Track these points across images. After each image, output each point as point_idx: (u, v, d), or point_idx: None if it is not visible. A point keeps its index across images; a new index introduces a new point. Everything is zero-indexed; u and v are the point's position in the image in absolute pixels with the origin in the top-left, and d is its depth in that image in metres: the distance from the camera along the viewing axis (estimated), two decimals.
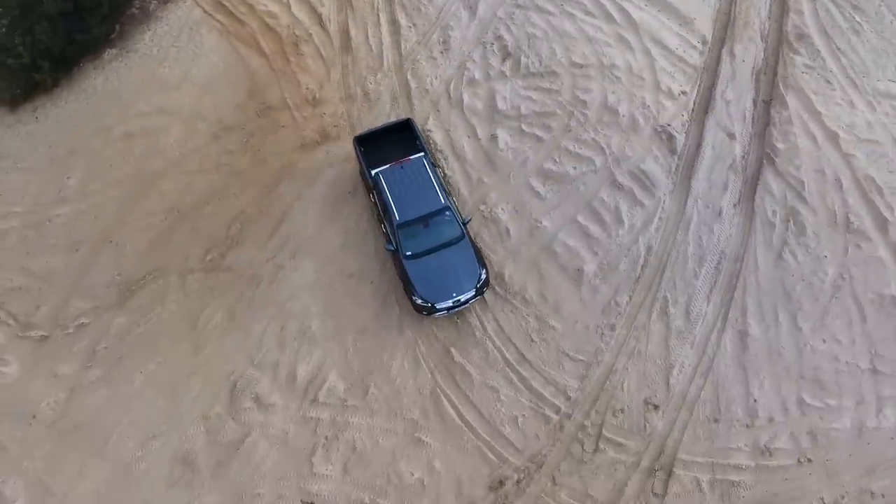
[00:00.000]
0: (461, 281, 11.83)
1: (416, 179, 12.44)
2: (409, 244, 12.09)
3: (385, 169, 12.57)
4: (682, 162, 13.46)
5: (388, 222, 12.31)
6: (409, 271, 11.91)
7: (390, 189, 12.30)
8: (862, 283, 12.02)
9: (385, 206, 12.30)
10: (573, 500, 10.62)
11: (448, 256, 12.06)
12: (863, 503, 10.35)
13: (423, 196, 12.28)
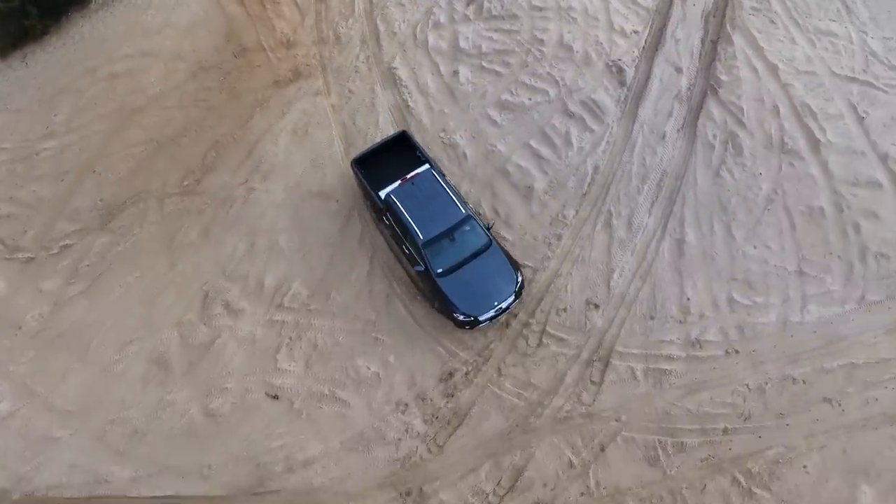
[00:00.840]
0: (500, 288, 11.55)
1: (429, 193, 11.93)
2: (438, 261, 11.62)
3: (396, 188, 12.03)
4: (630, 93, 14.30)
5: (411, 243, 11.77)
6: (445, 289, 11.48)
7: (406, 208, 11.75)
8: (793, 196, 12.84)
9: (405, 227, 11.74)
10: (517, 388, 11.43)
11: (481, 266, 11.68)
12: (784, 388, 11.14)
13: (442, 209, 11.78)
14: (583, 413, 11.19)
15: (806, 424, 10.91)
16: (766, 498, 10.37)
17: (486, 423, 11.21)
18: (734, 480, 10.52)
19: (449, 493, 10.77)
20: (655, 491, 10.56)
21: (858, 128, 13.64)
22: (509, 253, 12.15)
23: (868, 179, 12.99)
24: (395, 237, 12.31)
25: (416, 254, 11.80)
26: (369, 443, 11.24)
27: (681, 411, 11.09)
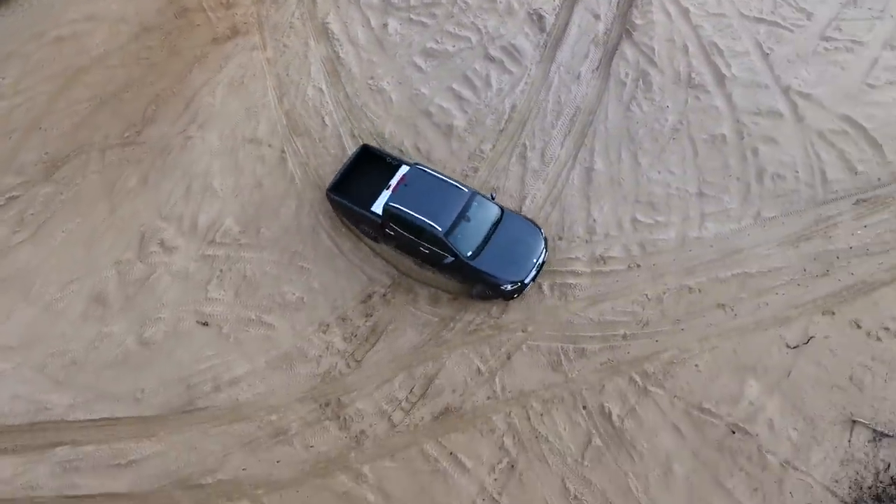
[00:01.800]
0: (531, 245, 11.70)
1: (426, 187, 11.76)
2: (465, 245, 11.50)
3: (392, 196, 11.77)
4: (550, 38, 15.01)
5: (430, 240, 11.55)
6: (481, 268, 11.45)
7: (412, 209, 11.50)
8: (698, 126, 13.55)
9: (418, 228, 11.51)
10: (432, 307, 12.09)
11: (504, 234, 11.75)
12: (681, 296, 11.82)
13: (446, 196, 11.67)
14: (492, 325, 11.85)
15: (700, 328, 11.60)
16: (659, 394, 11.04)
17: (401, 339, 11.86)
18: (631, 380, 11.19)
19: (365, 402, 11.40)
20: (557, 393, 11.22)
21: (763, 63, 14.38)
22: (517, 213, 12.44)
23: (769, 109, 13.72)
24: (406, 245, 12.03)
25: (439, 248, 11.57)
26: (292, 361, 11.87)
27: (583, 321, 11.77)
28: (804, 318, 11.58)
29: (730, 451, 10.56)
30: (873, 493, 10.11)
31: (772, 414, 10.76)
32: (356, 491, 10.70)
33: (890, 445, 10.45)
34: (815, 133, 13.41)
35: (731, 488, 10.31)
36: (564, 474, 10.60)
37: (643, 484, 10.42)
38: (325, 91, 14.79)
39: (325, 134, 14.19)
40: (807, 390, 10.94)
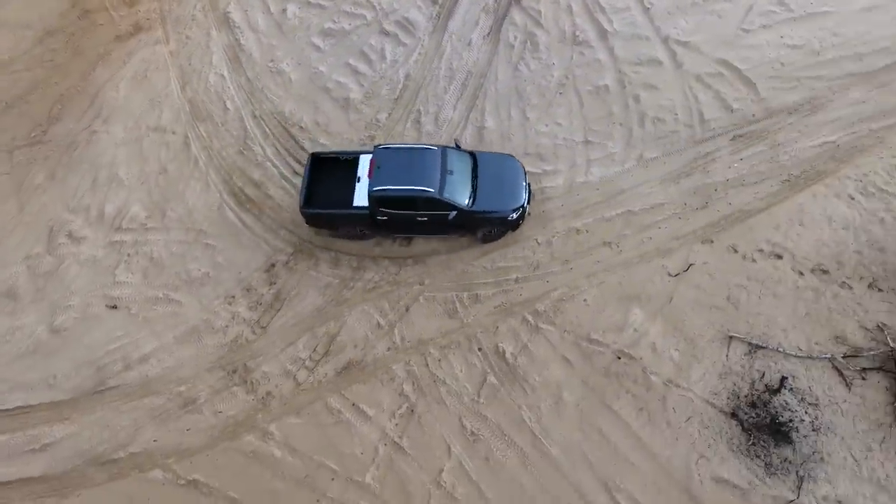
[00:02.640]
0: (514, 173, 12.16)
1: (396, 162, 11.86)
2: (459, 197, 11.77)
3: (372, 183, 11.72)
4: (442, 10, 15.52)
5: (427, 205, 11.67)
6: (483, 208, 11.80)
7: (398, 183, 11.60)
8: (582, 79, 14.14)
9: (410, 200, 11.60)
10: (332, 269, 12.45)
11: (486, 173, 12.12)
12: (569, 238, 12.33)
13: (421, 161, 11.83)
14: (390, 282, 12.24)
15: (588, 266, 12.11)
16: (550, 330, 11.51)
17: (304, 302, 12.20)
18: (523, 320, 11.65)
19: (271, 364, 11.71)
20: (454, 338, 11.64)
21: (644, 17, 15.02)
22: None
23: (650, 58, 14.36)
24: (403, 223, 12.07)
25: (438, 210, 11.74)
26: (200, 333, 12.13)
27: (477, 269, 12.22)
28: (685, 248, 12.16)
29: (616, 375, 11.06)
30: (749, 401, 10.66)
31: (655, 338, 11.29)
32: (263, 449, 10.99)
33: (764, 356, 11.02)
34: (693, 77, 14.06)
35: (618, 409, 10.80)
36: (462, 413, 11.00)
37: (535, 414, 10.86)
38: (226, 77, 15.12)
39: (226, 118, 14.51)
40: (687, 313, 11.49)
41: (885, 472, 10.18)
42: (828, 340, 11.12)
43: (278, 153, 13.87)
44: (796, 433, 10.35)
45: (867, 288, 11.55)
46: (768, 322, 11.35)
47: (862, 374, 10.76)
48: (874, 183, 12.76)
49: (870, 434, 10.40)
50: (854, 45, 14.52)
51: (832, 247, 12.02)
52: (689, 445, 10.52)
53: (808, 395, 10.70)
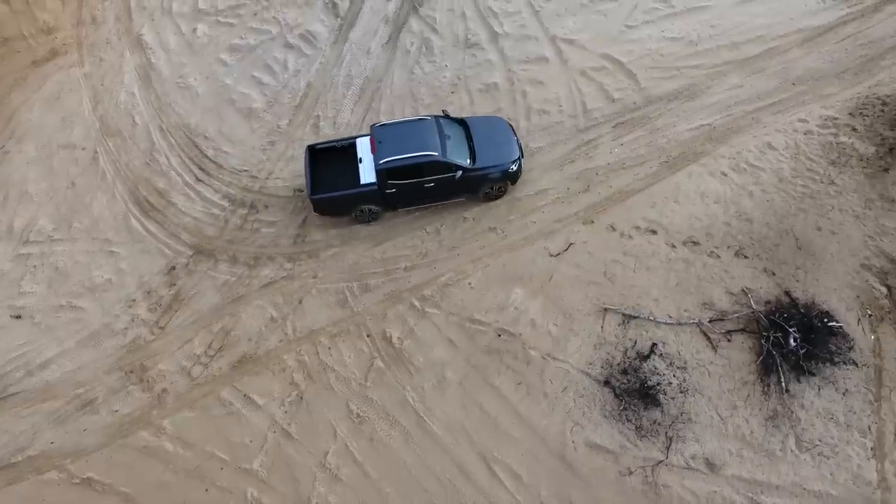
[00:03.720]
0: (504, 130, 13.09)
1: (396, 134, 12.43)
2: (461, 158, 12.41)
3: (377, 156, 12.21)
4: (344, 22, 16.25)
5: (431, 170, 12.21)
6: (486, 165, 12.47)
7: (402, 153, 12.11)
8: (474, 79, 14.85)
9: (416, 168, 12.15)
10: (230, 267, 12.82)
11: (478, 134, 12.91)
12: (457, 225, 12.75)
13: (417, 130, 12.47)
14: (285, 276, 12.64)
15: (473, 251, 12.60)
16: (436, 314, 11.92)
17: (202, 301, 12.53)
18: (411, 305, 12.06)
19: (167, 362, 11.98)
20: (344, 326, 12.01)
21: (534, 19, 15.84)
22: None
23: (538, 57, 15.12)
24: (412, 193, 12.54)
25: (444, 173, 12.33)
26: (100, 337, 12.40)
27: (368, 260, 12.65)
28: (567, 230, 12.69)
29: (497, 352, 11.45)
30: (621, 369, 11.06)
31: (534, 315, 11.72)
32: (156, 443, 11.20)
33: (637, 325, 11.47)
34: (578, 72, 14.80)
35: (499, 385, 11.16)
36: (349, 397, 11.31)
37: (419, 394, 11.19)
38: (136, 94, 15.67)
39: (135, 132, 15.01)
40: (566, 290, 11.96)
41: (750, 428, 10.58)
42: (696, 307, 11.62)
43: (182, 162, 14.35)
44: (664, 396, 10.76)
45: (734, 256, 12.11)
46: (641, 293, 11.84)
47: (727, 337, 11.24)
48: (746, 160, 13.44)
49: (735, 392, 10.83)
50: (730, 36, 15.39)
51: (704, 220, 12.61)
52: (565, 414, 10.88)
53: (677, 359, 11.13)
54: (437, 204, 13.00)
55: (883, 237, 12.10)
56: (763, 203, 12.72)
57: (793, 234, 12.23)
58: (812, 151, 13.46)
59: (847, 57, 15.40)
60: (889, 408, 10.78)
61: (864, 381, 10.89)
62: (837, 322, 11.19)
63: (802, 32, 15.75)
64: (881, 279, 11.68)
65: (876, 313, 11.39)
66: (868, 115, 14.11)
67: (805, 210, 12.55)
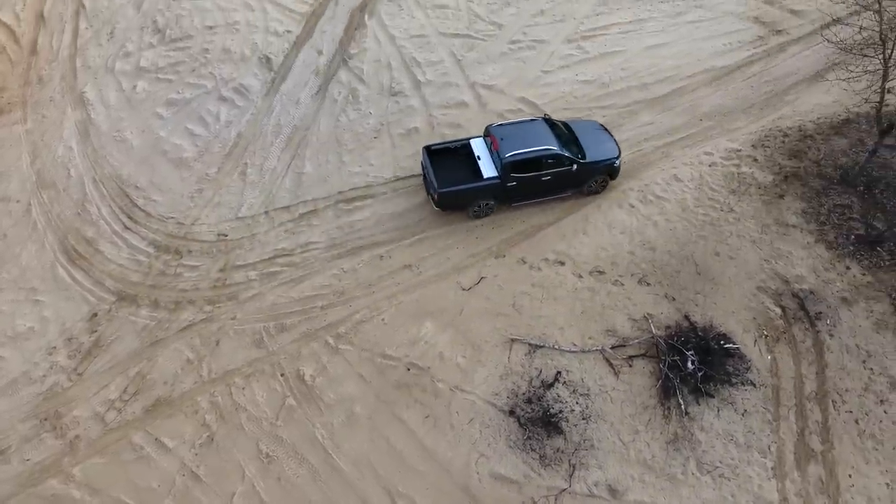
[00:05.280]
0: (601, 130, 14.38)
1: (513, 132, 13.47)
2: (574, 152, 13.50)
3: (503, 151, 13.12)
4: (277, 75, 17.05)
5: (553, 163, 13.17)
6: (597, 159, 13.54)
7: (524, 148, 13.08)
8: (396, 124, 15.53)
9: (538, 160, 13.08)
10: (151, 312, 13.01)
11: (581, 133, 13.99)
12: (373, 264, 13.16)
13: (531, 129, 13.51)
14: (204, 319, 12.84)
15: (389, 288, 12.90)
16: (348, 350, 12.11)
17: (121, 346, 12.66)
18: (325, 343, 12.25)
19: (82, 408, 11.99)
20: (259, 366, 12.14)
21: (455, 67, 16.71)
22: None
23: (457, 101, 15.89)
24: (530, 186, 13.48)
25: (561, 166, 13.30)
26: (18, 386, 12.42)
27: (286, 300, 12.91)
28: (479, 264, 13.08)
29: (407, 386, 11.59)
30: (526, 398, 11.22)
31: (443, 347, 11.94)
32: (64, 492, 11.10)
33: (542, 355, 11.70)
34: (495, 114, 15.53)
35: (406, 419, 11.25)
36: (259, 437, 11.34)
37: (328, 430, 11.25)
38: (74, 148, 16.19)
39: (69, 184, 15.45)
40: (475, 322, 12.23)
41: (651, 453, 10.69)
42: (600, 334, 11.90)
43: (112, 212, 14.74)
44: (567, 423, 10.89)
45: (637, 283, 12.49)
46: (548, 323, 12.12)
47: (629, 362, 11.48)
48: (653, 192, 14.03)
49: (636, 417, 10.99)
50: (641, 77, 16.30)
51: (610, 250, 13.05)
52: (471, 446, 10.96)
53: (581, 386, 11.33)
54: (548, 199, 13.89)
55: (778, 260, 12.59)
56: (666, 232, 13.21)
57: (693, 261, 12.69)
58: (715, 182, 14.10)
59: (753, 93, 16.34)
60: (788, 427, 10.98)
61: (763, 401, 11.13)
62: (734, 344, 11.51)
63: (710, 72, 16.75)
64: (776, 300, 12.09)
65: (772, 334, 11.74)
66: (769, 146, 14.86)
67: (705, 237, 13.07)
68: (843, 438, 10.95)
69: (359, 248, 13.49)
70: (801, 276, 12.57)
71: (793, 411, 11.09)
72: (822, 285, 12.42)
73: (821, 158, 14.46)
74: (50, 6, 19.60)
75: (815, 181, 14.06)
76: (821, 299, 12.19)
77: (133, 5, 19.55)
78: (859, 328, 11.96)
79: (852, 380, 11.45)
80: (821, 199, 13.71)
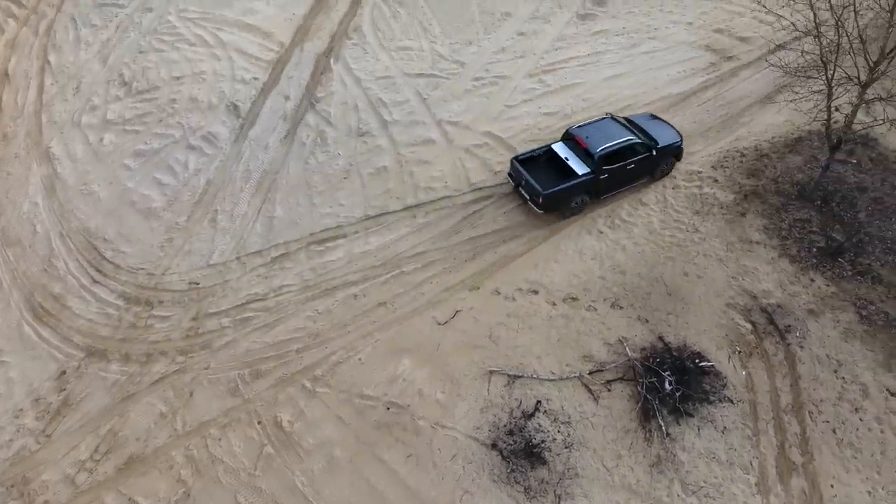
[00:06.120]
0: (661, 121, 15.77)
1: (595, 130, 14.71)
2: (648, 139, 14.81)
3: (593, 147, 14.27)
4: (245, 121, 17.21)
5: (636, 151, 14.48)
6: (669, 143, 14.90)
7: (611, 142, 14.29)
8: (364, 164, 15.71)
9: (623, 151, 14.40)
10: (122, 366, 12.71)
11: (646, 124, 15.29)
12: (348, 304, 13.09)
13: (608, 125, 14.91)
14: (177, 370, 12.58)
15: (364, 327, 12.83)
16: (326, 393, 11.94)
17: (91, 404, 12.29)
18: (302, 387, 12.07)
19: (51, 472, 11.54)
20: (235, 415, 11.88)
21: (421, 106, 17.08)
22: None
23: (425, 139, 16.18)
24: (617, 176, 14.54)
25: (643, 153, 14.56)
26: None
27: (260, 345, 12.74)
28: (454, 298, 13.12)
29: (387, 426, 11.43)
30: (507, 430, 11.14)
31: (422, 384, 11.85)
32: None
33: (521, 385, 11.69)
34: (462, 149, 15.85)
35: (388, 459, 11.06)
36: (237, 489, 11.01)
37: (308, 477, 10.99)
38: (40, 204, 15.99)
39: (35, 240, 15.20)
40: (453, 356, 12.20)
41: (636, 477, 10.64)
42: (577, 360, 11.96)
43: (80, 266, 14.52)
44: (549, 453, 10.81)
45: (610, 307, 12.64)
46: (525, 352, 12.15)
47: (607, 387, 11.52)
48: (620, 216, 14.34)
49: (618, 442, 10.97)
50: (601, 106, 16.82)
51: (581, 276, 13.23)
52: (454, 483, 10.78)
53: (561, 414, 11.30)
54: (631, 187, 15.05)
55: (744, 277, 12.88)
56: (635, 255, 13.47)
57: (663, 282, 12.92)
58: (679, 204, 14.48)
59: (709, 117, 16.96)
60: (768, 441, 11.06)
61: (741, 417, 11.22)
62: (709, 361, 11.65)
63: (667, 99, 17.37)
64: (745, 316, 12.32)
65: (744, 349, 11.93)
66: (728, 166, 15.36)
67: (673, 258, 13.34)
68: (823, 449, 11.07)
69: (333, 288, 13.47)
70: (768, 291, 12.88)
71: (771, 425, 11.20)
72: (788, 298, 12.72)
73: (778, 176, 15.01)
74: (14, 63, 19.66)
75: (775, 198, 14.55)
76: (788, 312, 12.47)
77: (99, 60, 19.72)
78: (828, 338, 12.23)
79: (826, 390, 11.65)
80: (781, 214, 14.17)
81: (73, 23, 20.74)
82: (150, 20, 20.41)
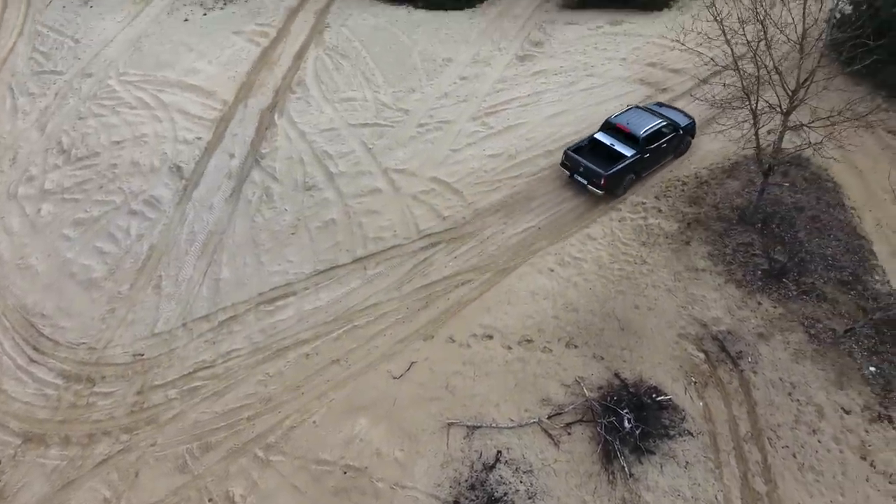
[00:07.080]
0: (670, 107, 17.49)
1: (631, 117, 16.30)
2: (674, 122, 16.53)
3: (635, 131, 15.78)
4: (189, 182, 16.93)
5: (668, 131, 16.11)
6: (687, 125, 16.69)
7: (650, 125, 15.88)
8: (312, 218, 15.56)
9: (660, 131, 15.97)
10: (62, 451, 11.99)
11: (665, 111, 16.93)
12: (300, 364, 12.70)
13: (640, 113, 16.60)
14: (122, 450, 11.94)
15: (318, 387, 12.47)
16: (281, 461, 11.47)
17: (29, 494, 11.53)
18: (255, 457, 11.57)
19: None
20: (184, 494, 11.28)
21: (367, 155, 17.11)
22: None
23: (371, 189, 16.15)
24: (654, 153, 16.08)
25: (672, 132, 16.27)
26: None
27: (209, 416, 12.23)
28: (408, 349, 12.88)
29: (345, 491, 10.99)
30: (469, 485, 10.81)
31: (379, 443, 11.48)
32: None
33: (481, 435, 11.43)
34: (410, 197, 15.85)
35: None
36: None
37: None
38: None
39: None
40: (410, 410, 11.90)
41: None
42: (536, 404, 11.79)
43: (16, 345, 13.82)
44: None
45: (565, 347, 12.58)
46: (483, 401, 11.93)
47: (567, 430, 11.35)
48: (569, 253, 14.42)
49: (582, 487, 10.75)
50: (544, 145, 17.12)
51: (535, 317, 13.17)
52: None
53: (523, 462, 11.05)
54: (661, 165, 16.62)
55: (694, 305, 13.02)
56: (586, 291, 13.51)
57: (615, 316, 12.95)
58: (625, 236, 14.67)
59: None
60: (730, 472, 10.99)
61: (703, 450, 11.14)
62: (666, 395, 11.62)
63: None
64: (698, 345, 12.41)
65: (700, 379, 11.96)
66: (671, 195, 15.70)
67: (623, 292, 13.43)
68: (785, 475, 11.03)
69: (284, 348, 13.08)
70: (718, 318, 13.02)
71: (732, 455, 11.14)
72: (738, 324, 12.88)
73: (718, 202, 15.39)
74: None
75: (717, 224, 14.88)
76: (739, 338, 12.60)
77: (37, 128, 19.27)
78: (779, 361, 12.36)
79: (782, 413, 11.70)
80: (724, 240, 14.47)
81: (10, 92, 20.35)
82: (90, 85, 20.17)
